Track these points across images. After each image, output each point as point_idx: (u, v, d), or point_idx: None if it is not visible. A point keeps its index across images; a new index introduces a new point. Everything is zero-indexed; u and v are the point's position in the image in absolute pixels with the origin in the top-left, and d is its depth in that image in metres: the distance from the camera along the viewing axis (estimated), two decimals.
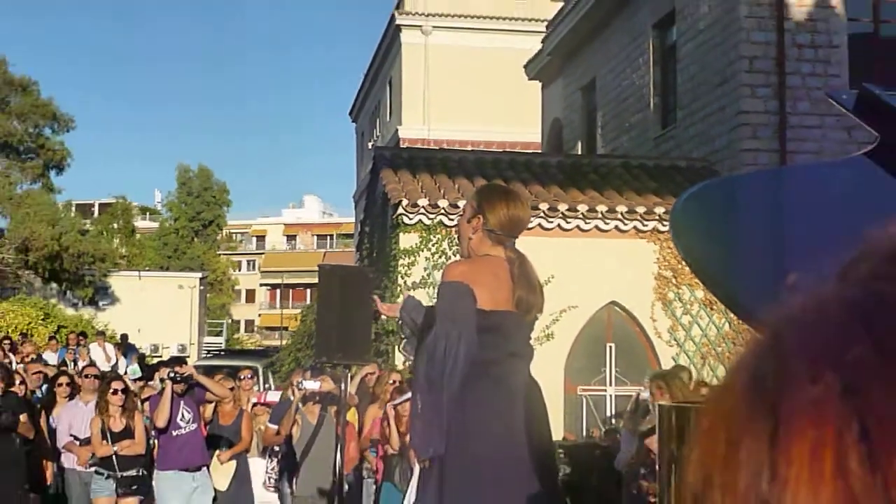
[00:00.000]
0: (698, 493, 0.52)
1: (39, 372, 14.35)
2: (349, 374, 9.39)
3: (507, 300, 4.68)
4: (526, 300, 4.73)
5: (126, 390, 11.42)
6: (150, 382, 13.21)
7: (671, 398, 9.25)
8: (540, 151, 24.83)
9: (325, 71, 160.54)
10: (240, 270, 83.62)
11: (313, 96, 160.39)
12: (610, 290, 15.64)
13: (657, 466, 3.91)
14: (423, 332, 4.84)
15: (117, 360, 20.91)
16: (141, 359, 23.68)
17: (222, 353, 40.62)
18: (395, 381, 10.49)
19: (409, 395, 7.00)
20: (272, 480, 11.74)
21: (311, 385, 10.49)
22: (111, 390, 11.23)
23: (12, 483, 10.64)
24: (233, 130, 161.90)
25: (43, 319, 29.43)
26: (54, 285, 40.16)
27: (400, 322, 5.15)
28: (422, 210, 15.66)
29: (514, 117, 31.21)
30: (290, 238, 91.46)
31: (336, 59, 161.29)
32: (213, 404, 11.56)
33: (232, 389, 12.11)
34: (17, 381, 11.72)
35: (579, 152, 23.56)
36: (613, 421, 14.70)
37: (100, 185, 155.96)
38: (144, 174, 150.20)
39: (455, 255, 13.39)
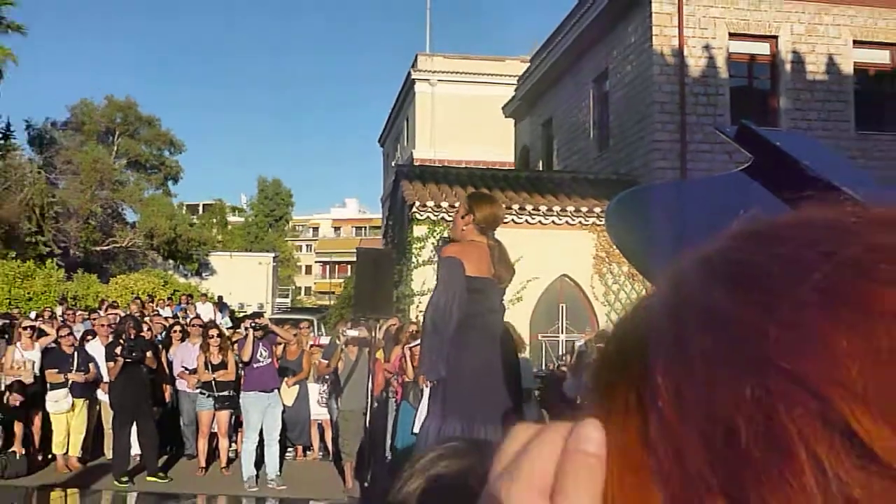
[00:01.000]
0: None
1: (161, 322, 14.39)
2: (378, 325, 9.39)
3: (487, 272, 4.68)
4: (502, 274, 4.74)
5: (221, 335, 11.47)
6: (238, 330, 13.20)
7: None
8: (513, 168, 24.75)
9: (360, 103, 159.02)
10: (301, 252, 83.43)
11: (354, 123, 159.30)
12: (562, 266, 15.64)
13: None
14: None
15: (215, 314, 20.89)
16: (231, 313, 23.68)
17: (288, 309, 40.73)
18: (411, 331, 10.51)
19: (420, 340, 7.01)
20: (323, 399, 11.80)
21: (352, 332, 10.52)
22: (210, 335, 11.28)
23: (142, 399, 10.70)
24: (295, 144, 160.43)
25: (163, 285, 29.36)
26: (171, 261, 40.15)
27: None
28: (429, 209, 15.63)
29: (495, 144, 31.08)
30: (336, 229, 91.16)
31: (367, 95, 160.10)
32: (282, 345, 11.61)
33: (295, 335, 12.16)
34: (146, 329, 11.75)
35: (540, 169, 23.51)
36: (564, 359, 14.73)
37: (203, 189, 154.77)
38: (233, 179, 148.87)
39: None
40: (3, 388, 11.12)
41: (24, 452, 10.93)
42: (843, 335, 0.40)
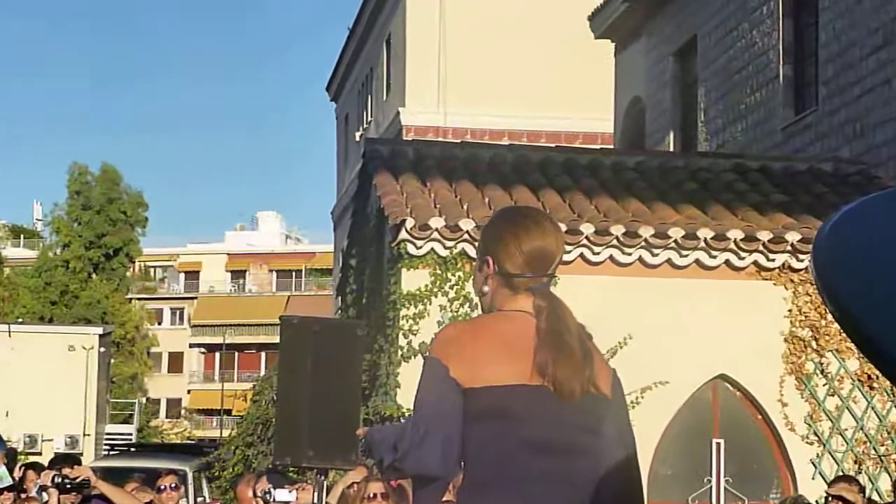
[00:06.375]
0: None
1: None
2: (324, 482, 9.43)
3: (517, 372, 4.67)
4: (550, 365, 4.69)
5: None
6: (29, 496, 13.22)
7: None
8: (611, 147, 24.90)
9: (293, 21, 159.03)
10: (160, 324, 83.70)
11: (275, 63, 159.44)
12: (717, 357, 15.60)
13: None
14: None
15: None
16: (11, 456, 23.68)
17: (133, 448, 40.64)
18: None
19: None
20: None
21: (284, 497, 10.53)
22: None
23: None
24: (148, 121, 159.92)
25: None
26: None
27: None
28: (435, 234, 15.61)
29: (570, 96, 31.27)
30: (237, 274, 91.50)
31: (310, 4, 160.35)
32: None
33: (150, 503, 12.14)
34: None
35: (671, 148, 23.61)
36: None
37: None
38: (18, 179, 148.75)
39: None
40: None
41: None
42: None
